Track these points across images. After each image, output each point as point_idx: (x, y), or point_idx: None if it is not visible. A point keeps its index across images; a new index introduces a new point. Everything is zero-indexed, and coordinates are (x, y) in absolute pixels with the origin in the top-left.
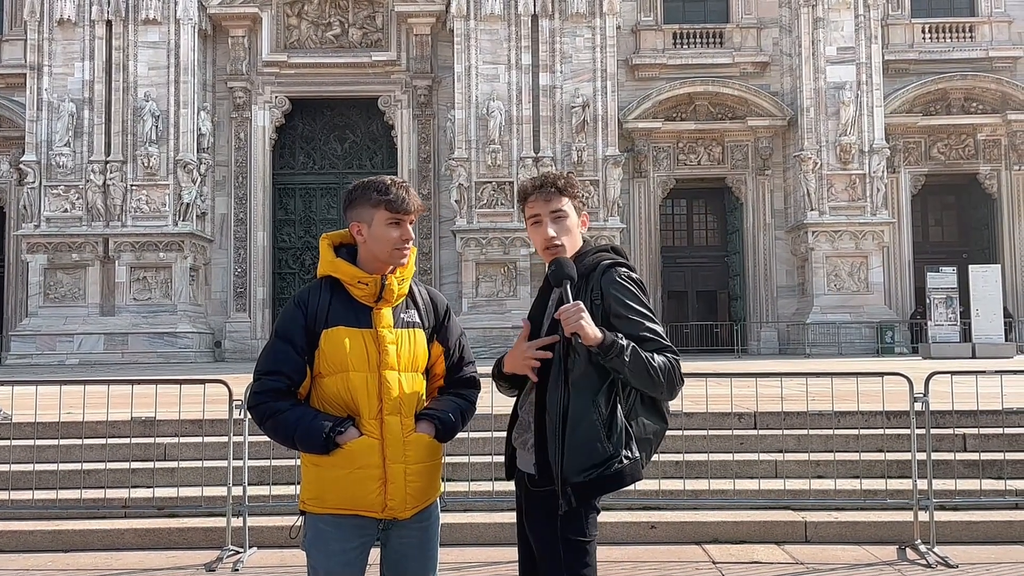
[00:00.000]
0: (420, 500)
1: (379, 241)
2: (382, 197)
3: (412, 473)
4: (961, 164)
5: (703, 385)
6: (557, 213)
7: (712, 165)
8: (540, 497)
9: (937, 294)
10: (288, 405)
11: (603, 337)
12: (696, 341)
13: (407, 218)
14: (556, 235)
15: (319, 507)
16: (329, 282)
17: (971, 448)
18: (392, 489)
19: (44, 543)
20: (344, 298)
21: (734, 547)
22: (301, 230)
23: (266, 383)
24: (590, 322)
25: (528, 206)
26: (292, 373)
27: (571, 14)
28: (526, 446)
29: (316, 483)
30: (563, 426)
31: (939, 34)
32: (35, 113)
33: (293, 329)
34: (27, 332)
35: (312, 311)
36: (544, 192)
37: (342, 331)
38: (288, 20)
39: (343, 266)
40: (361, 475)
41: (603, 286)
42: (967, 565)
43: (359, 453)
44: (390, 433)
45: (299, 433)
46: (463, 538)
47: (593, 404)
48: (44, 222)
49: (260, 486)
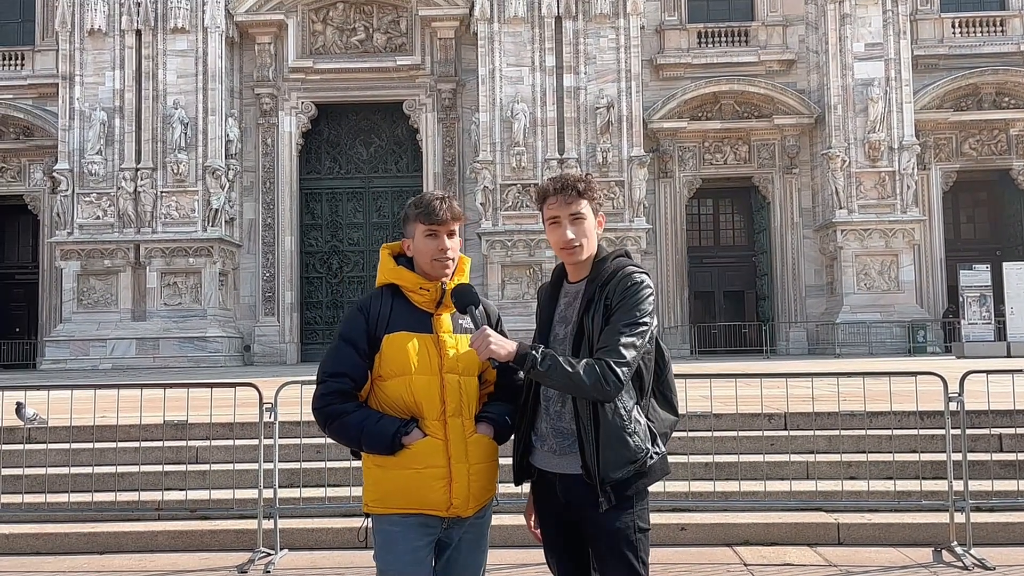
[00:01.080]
0: (481, 499)
1: (420, 253)
2: (416, 211)
3: (475, 472)
4: (993, 160)
5: (732, 386)
6: (576, 215)
7: (738, 164)
8: (592, 491)
9: (970, 292)
10: (353, 407)
11: (515, 351)
12: (724, 342)
13: (443, 229)
14: (575, 237)
15: (384, 508)
16: (390, 289)
17: (1007, 448)
18: (457, 488)
19: (80, 545)
20: (405, 304)
21: (765, 549)
22: (328, 234)
23: (331, 385)
24: (499, 342)
25: (547, 208)
26: (356, 375)
27: (595, 15)
28: (560, 451)
29: (381, 483)
30: (595, 429)
31: (969, 28)
32: (67, 122)
33: (356, 333)
34: (61, 338)
35: (374, 316)
36: (564, 194)
37: (405, 336)
38: (313, 26)
39: (405, 273)
40: (428, 475)
41: (620, 292)
42: (1004, 567)
43: (425, 453)
44: (454, 433)
45: (365, 434)
46: (492, 540)
47: (620, 405)
48: (77, 229)
49: (291, 488)
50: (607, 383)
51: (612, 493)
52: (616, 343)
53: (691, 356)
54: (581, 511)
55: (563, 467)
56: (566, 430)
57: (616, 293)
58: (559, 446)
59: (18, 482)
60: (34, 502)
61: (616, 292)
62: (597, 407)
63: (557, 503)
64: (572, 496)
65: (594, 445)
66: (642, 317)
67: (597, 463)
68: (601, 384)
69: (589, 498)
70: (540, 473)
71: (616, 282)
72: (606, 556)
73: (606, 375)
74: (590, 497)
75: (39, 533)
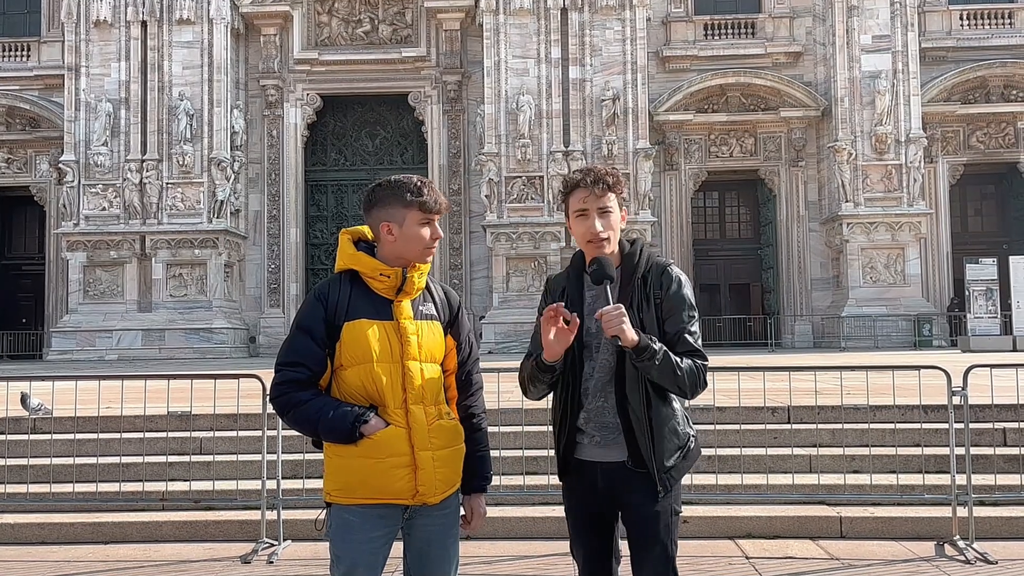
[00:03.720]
0: (448, 485)
1: (411, 240)
2: (415, 198)
3: (439, 458)
4: (1001, 153)
5: (735, 379)
6: (605, 209)
7: (744, 157)
8: (639, 478)
9: (976, 286)
10: (310, 395)
11: (639, 340)
12: (729, 335)
13: (437, 217)
14: (604, 230)
15: (345, 498)
16: (348, 275)
17: (1011, 443)
18: (422, 476)
19: (85, 535)
20: (364, 291)
21: (768, 542)
22: (333, 226)
23: (287, 374)
24: (629, 325)
25: (575, 199)
26: (313, 364)
27: (601, 7)
28: (603, 443)
29: (342, 474)
30: (649, 420)
31: (977, 20)
32: (73, 113)
33: (313, 321)
34: (68, 328)
35: (332, 304)
36: (596, 186)
37: (364, 323)
38: (319, 18)
39: (364, 259)
40: (390, 463)
41: (666, 286)
42: (1007, 561)
43: (388, 442)
44: (416, 421)
45: (322, 423)
46: (494, 532)
47: (668, 396)
48: (83, 220)
49: (294, 480)
50: (701, 384)
51: (668, 480)
52: (693, 345)
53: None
54: (621, 497)
55: (606, 456)
56: (610, 424)
57: (662, 288)
58: (603, 439)
59: (23, 472)
60: (39, 492)
61: (661, 287)
62: (652, 400)
63: (593, 491)
64: (614, 482)
65: (648, 436)
66: (695, 313)
67: (652, 453)
68: (697, 386)
69: (631, 484)
70: (579, 463)
71: (656, 276)
72: (644, 539)
73: (703, 377)
74: (632, 483)
75: (44, 523)
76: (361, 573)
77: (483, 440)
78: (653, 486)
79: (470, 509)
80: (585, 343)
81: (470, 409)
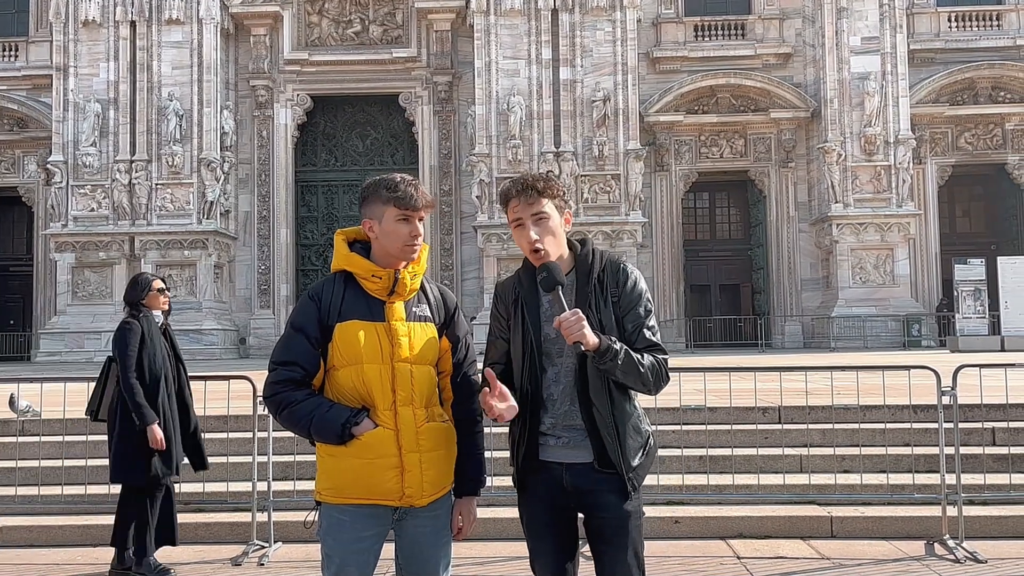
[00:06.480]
0: (436, 488)
1: (389, 237)
2: (391, 194)
3: (427, 461)
4: (989, 154)
5: (726, 379)
6: (539, 215)
7: (735, 158)
8: (606, 480)
9: (965, 286)
10: (303, 395)
11: (599, 342)
12: (719, 335)
13: (416, 214)
14: (539, 238)
15: (336, 497)
16: (343, 276)
17: (1000, 442)
18: (409, 478)
19: (74, 538)
20: (357, 292)
21: (759, 542)
22: (324, 227)
23: (282, 373)
24: (589, 329)
25: (510, 209)
26: (307, 364)
27: (591, 8)
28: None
29: (332, 474)
30: (614, 420)
31: (966, 22)
32: (61, 113)
33: (307, 321)
34: (56, 330)
35: (326, 304)
36: (524, 195)
37: (356, 324)
38: (309, 18)
39: (357, 260)
40: (379, 464)
41: (622, 283)
42: (996, 560)
43: (375, 443)
44: (404, 423)
45: (314, 423)
46: (486, 533)
47: (629, 395)
48: (71, 221)
49: (285, 481)
50: (664, 379)
51: (636, 479)
52: (652, 339)
53: (686, 350)
54: (588, 498)
55: (572, 457)
56: (576, 426)
57: (618, 285)
58: (571, 440)
59: (11, 474)
60: (28, 494)
61: (617, 284)
62: (616, 401)
63: (559, 488)
64: (580, 483)
65: (614, 437)
66: (651, 307)
67: (620, 455)
68: (661, 380)
69: (600, 485)
70: (543, 464)
71: (612, 274)
72: (613, 538)
73: (665, 371)
74: (600, 484)
75: (33, 525)
76: (351, 572)
77: (478, 443)
78: (622, 487)
79: (460, 513)
80: (545, 350)
81: (467, 412)
